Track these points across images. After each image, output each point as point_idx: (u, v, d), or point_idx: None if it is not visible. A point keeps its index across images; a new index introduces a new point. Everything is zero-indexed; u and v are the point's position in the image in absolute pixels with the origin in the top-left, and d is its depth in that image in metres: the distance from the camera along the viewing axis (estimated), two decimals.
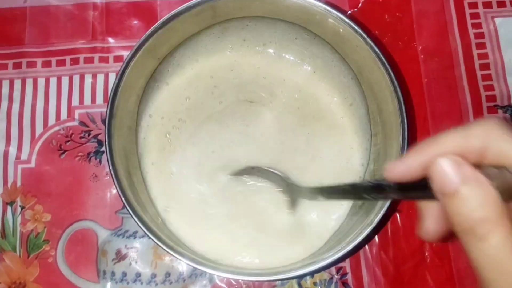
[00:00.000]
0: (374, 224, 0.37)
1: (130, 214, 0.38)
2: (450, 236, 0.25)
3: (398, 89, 0.39)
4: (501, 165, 0.21)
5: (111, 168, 0.38)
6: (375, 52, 0.39)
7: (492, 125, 0.22)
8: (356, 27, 0.40)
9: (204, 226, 0.43)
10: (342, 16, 0.40)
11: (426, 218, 0.25)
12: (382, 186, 0.27)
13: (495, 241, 0.20)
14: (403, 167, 0.24)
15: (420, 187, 0.23)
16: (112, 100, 0.39)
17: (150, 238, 0.37)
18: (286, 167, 0.44)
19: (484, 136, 0.21)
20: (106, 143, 0.39)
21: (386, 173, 0.25)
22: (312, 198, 0.39)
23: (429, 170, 0.22)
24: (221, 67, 0.48)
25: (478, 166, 0.22)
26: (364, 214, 0.40)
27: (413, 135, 0.42)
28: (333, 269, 0.45)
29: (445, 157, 0.21)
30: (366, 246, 0.46)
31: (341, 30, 0.41)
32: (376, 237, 0.46)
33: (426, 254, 0.46)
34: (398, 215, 0.46)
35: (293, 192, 0.42)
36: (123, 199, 0.38)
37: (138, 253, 0.45)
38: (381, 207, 0.37)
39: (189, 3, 0.40)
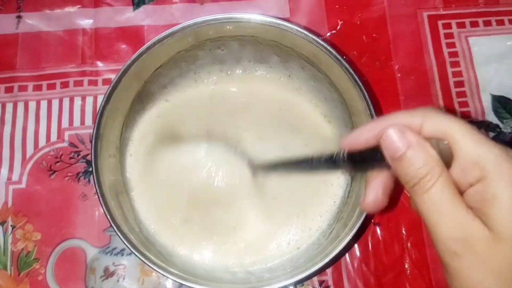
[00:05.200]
0: (351, 234, 0.39)
1: (116, 232, 0.39)
2: (385, 208, 0.30)
3: (371, 106, 0.41)
4: (435, 138, 0.26)
5: (97, 187, 0.40)
6: (350, 73, 0.41)
7: (430, 108, 0.27)
8: (330, 49, 0.42)
9: (191, 241, 0.45)
10: (317, 39, 0.42)
11: (371, 191, 0.30)
12: (334, 157, 0.31)
13: (435, 190, 0.25)
14: (356, 137, 0.29)
15: (370, 156, 0.28)
16: (98, 121, 0.41)
17: (136, 255, 0.39)
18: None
19: (423, 115, 0.26)
20: (93, 162, 0.40)
21: (342, 141, 0.30)
22: (273, 170, 0.42)
23: (380, 139, 0.27)
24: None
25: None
26: (342, 227, 0.41)
27: None
28: (315, 282, 0.47)
29: (392, 127, 0.26)
30: (348, 259, 0.47)
31: (316, 52, 0.43)
32: (358, 250, 0.47)
33: (406, 266, 0.47)
34: (378, 228, 0.48)
35: (255, 167, 0.45)
36: (108, 217, 0.39)
37: (125, 270, 0.46)
38: (358, 218, 0.39)
39: (173, 29, 0.42)
